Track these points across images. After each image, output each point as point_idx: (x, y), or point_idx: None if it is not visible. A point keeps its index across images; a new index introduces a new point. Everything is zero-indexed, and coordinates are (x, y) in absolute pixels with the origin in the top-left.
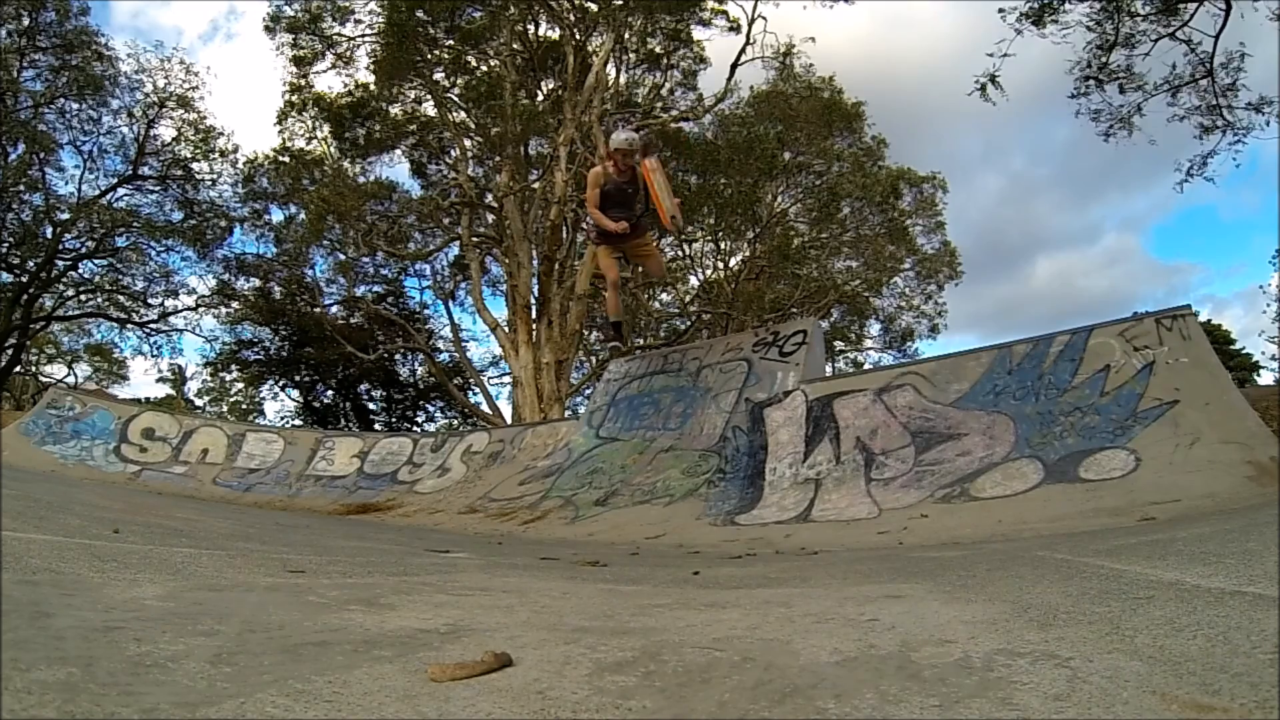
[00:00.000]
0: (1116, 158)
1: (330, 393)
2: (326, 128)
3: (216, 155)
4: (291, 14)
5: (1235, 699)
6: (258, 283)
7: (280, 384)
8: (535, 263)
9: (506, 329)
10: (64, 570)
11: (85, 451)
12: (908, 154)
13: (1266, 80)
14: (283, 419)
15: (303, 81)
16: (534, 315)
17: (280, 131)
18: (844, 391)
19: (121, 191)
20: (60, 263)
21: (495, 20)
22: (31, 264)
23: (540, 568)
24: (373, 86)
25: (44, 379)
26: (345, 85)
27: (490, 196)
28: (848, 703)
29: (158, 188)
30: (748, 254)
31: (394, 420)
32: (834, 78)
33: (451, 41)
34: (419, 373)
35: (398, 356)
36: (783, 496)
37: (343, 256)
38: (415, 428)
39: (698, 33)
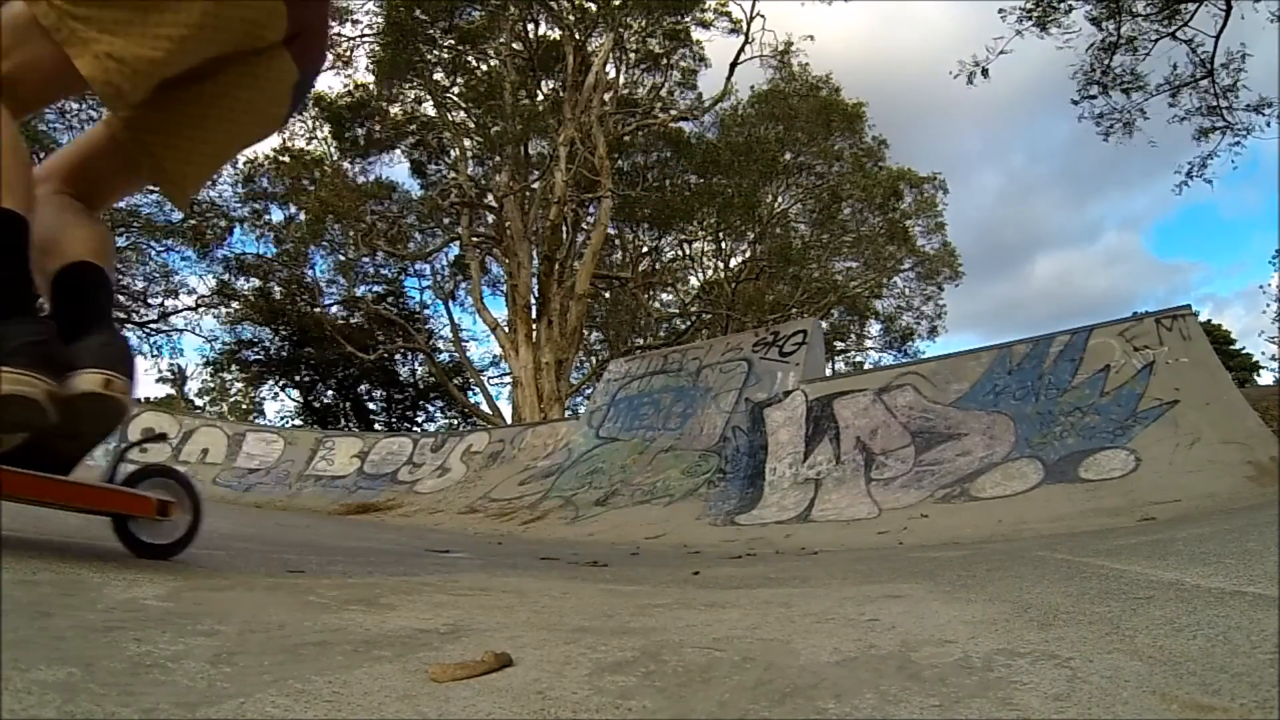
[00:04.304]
0: (1117, 155)
1: (330, 393)
2: (326, 128)
3: None
4: None
5: (1235, 699)
6: (258, 283)
7: (280, 384)
8: (535, 263)
9: (506, 329)
10: (64, 570)
11: None
12: (907, 152)
13: (1266, 80)
14: (283, 419)
15: None
16: (534, 315)
17: (280, 131)
18: (844, 391)
19: None
20: None
21: (495, 20)
22: None
23: (540, 568)
24: (372, 86)
25: None
26: (345, 85)
27: (490, 196)
28: (848, 703)
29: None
30: (748, 254)
31: (394, 420)
32: (831, 76)
33: (451, 41)
34: (419, 373)
35: (398, 356)
36: (783, 496)
37: (343, 257)
38: (415, 428)
39: (697, 33)
